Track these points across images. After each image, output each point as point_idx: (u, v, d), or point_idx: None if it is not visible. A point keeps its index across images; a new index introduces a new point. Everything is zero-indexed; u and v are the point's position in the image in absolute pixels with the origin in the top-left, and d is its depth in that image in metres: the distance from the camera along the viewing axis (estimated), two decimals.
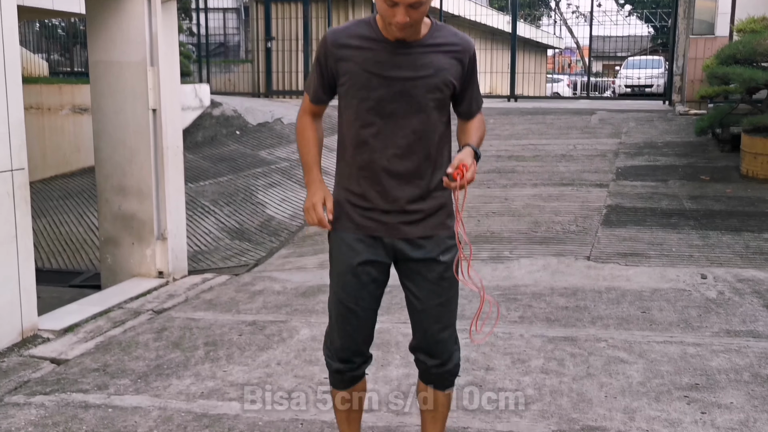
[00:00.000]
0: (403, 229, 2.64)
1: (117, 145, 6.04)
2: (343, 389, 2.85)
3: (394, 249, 2.67)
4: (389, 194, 2.62)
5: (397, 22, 2.43)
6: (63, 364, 4.36)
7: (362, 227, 2.66)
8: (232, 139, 11.40)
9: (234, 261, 6.86)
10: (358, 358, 2.78)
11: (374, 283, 2.69)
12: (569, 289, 5.46)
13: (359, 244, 2.66)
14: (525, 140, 11.13)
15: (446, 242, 2.69)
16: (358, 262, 2.65)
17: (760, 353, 4.26)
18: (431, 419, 2.92)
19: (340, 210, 2.71)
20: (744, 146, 9.02)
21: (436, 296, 2.68)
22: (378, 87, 2.55)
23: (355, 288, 2.67)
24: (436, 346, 2.76)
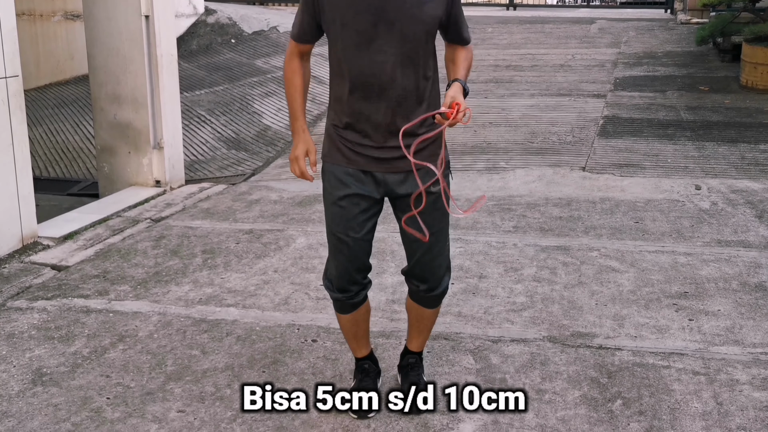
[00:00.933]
0: (395, 163, 2.66)
1: (110, 52, 5.96)
2: (346, 313, 2.92)
3: (386, 183, 2.70)
4: (380, 126, 2.63)
5: None
6: (63, 270, 4.43)
7: (353, 161, 2.69)
8: (228, 48, 11.23)
9: (231, 170, 6.88)
10: (354, 287, 2.83)
11: (363, 213, 2.72)
12: (564, 200, 5.51)
13: (349, 177, 2.69)
14: (523, 50, 10.99)
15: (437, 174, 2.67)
16: (346, 194, 2.69)
17: (750, 262, 4.33)
18: (416, 330, 3.05)
19: (331, 145, 2.74)
20: (744, 56, 8.92)
21: (429, 226, 2.67)
22: (365, 19, 2.53)
23: (345, 219, 2.72)
24: (428, 274, 2.84)
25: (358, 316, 2.93)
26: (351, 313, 2.91)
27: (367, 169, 2.68)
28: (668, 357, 3.31)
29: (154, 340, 3.54)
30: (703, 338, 3.47)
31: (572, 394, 3.04)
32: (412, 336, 3.08)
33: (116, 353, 3.42)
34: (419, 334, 3.06)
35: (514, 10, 14.94)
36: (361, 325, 2.98)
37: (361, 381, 3.02)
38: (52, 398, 3.07)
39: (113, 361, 3.35)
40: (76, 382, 3.19)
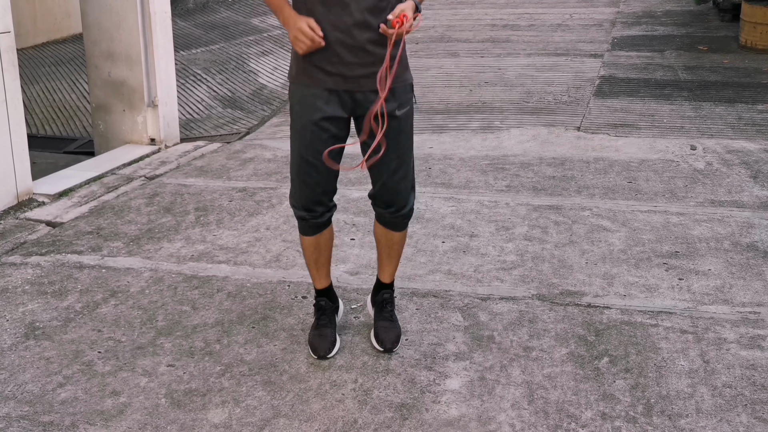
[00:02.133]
0: (362, 82, 2.70)
1: (103, 9, 5.91)
2: (309, 235, 2.98)
3: (353, 101, 2.74)
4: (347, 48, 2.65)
5: None
6: (58, 226, 4.45)
7: (320, 81, 2.71)
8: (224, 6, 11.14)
9: (226, 129, 6.86)
10: (319, 208, 2.89)
11: (333, 138, 2.77)
12: (557, 159, 5.51)
13: (318, 100, 2.73)
14: (521, 9, 10.90)
15: (402, 96, 2.77)
16: (318, 118, 2.73)
17: (743, 222, 4.34)
18: (386, 256, 3.11)
19: (298, 66, 2.76)
20: (744, 15, 8.84)
21: (394, 149, 2.77)
22: None
23: (315, 143, 2.75)
24: (394, 196, 2.90)
25: (321, 240, 2.99)
26: (314, 236, 2.96)
27: (334, 88, 2.71)
28: (656, 315, 3.34)
29: (145, 295, 3.57)
30: (692, 297, 3.50)
31: (559, 352, 3.08)
32: (383, 264, 3.15)
33: (108, 308, 3.45)
34: (390, 261, 3.12)
35: None
36: (323, 251, 3.04)
37: (319, 319, 3.11)
38: (44, 351, 3.11)
39: (105, 316, 3.38)
40: (68, 336, 3.22)
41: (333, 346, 3.06)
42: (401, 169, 2.86)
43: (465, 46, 9.05)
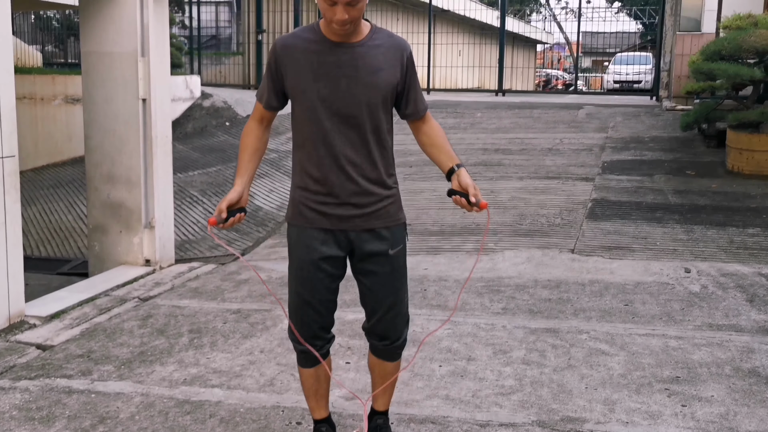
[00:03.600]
0: (357, 222, 2.77)
1: (107, 134, 6.05)
2: (308, 367, 2.98)
3: (348, 241, 2.80)
4: (341, 186, 2.73)
5: (338, 19, 2.56)
6: (48, 349, 4.38)
7: (316, 221, 2.77)
8: (222, 130, 11.40)
9: (221, 250, 6.88)
10: (318, 342, 2.90)
11: (330, 277, 2.82)
12: (553, 282, 5.51)
13: (314, 240, 2.78)
14: (512, 134, 11.17)
15: (396, 234, 2.84)
16: (314, 258, 2.78)
17: (742, 347, 4.30)
18: (380, 385, 3.09)
19: (295, 208, 2.83)
20: (729, 142, 9.09)
21: (388, 287, 2.84)
22: (324, 86, 2.67)
23: (311, 282, 2.80)
24: (387, 331, 2.92)
25: (320, 371, 2.97)
26: (313, 368, 2.96)
27: (329, 228, 2.76)
28: None
29: (135, 422, 3.47)
30: (697, 425, 3.42)
31: None
32: (377, 394, 3.13)
33: None
34: (384, 391, 3.11)
35: (503, 96, 15.25)
36: (322, 383, 3.02)
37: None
38: None
39: None
40: None
41: None
42: (396, 306, 2.89)
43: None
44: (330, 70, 2.67)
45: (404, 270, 2.90)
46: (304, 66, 2.69)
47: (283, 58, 2.71)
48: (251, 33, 16.49)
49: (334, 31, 2.64)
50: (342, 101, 2.68)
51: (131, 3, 5.83)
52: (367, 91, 2.68)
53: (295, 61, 2.70)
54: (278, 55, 2.72)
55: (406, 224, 2.91)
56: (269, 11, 16.36)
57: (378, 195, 2.77)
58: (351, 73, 2.67)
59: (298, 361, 2.99)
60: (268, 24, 16.36)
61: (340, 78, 2.67)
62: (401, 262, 2.87)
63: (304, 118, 2.74)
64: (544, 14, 41.00)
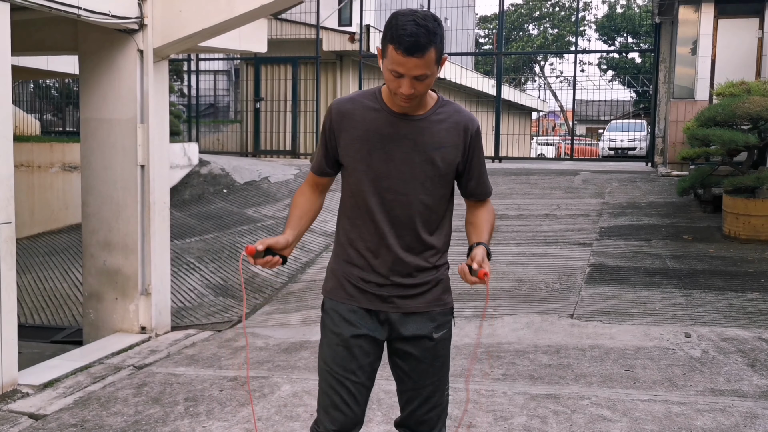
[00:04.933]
0: (399, 303, 2.60)
1: (104, 200, 6.07)
2: None
3: (389, 323, 2.62)
4: (386, 265, 2.58)
5: (402, 93, 2.43)
6: (41, 419, 4.30)
7: (356, 298, 2.61)
8: (219, 197, 11.45)
9: (218, 317, 6.83)
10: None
11: (367, 357, 2.61)
12: (552, 347, 5.46)
13: (353, 315, 2.60)
14: (509, 200, 11.23)
15: (440, 318, 2.64)
16: (352, 334, 2.59)
17: (746, 413, 4.25)
18: None
19: (335, 281, 2.67)
20: (725, 207, 9.13)
21: (428, 375, 2.62)
22: (379, 159, 2.54)
23: (347, 360, 2.59)
24: (423, 426, 2.69)
25: None
26: None
27: (371, 308, 2.60)
28: None
29: None
30: None
31: None
32: None
33: None
34: None
35: (500, 162, 15.39)
36: None
37: None
38: None
39: None
40: None
41: None
42: (434, 398, 2.66)
43: (455, 235, 9.18)
44: (387, 143, 2.53)
45: (447, 359, 2.68)
46: (360, 135, 2.55)
47: (340, 123, 2.57)
48: (249, 101, 16.72)
49: (397, 103, 2.51)
50: (396, 177, 2.53)
51: (131, 70, 5.92)
52: (424, 168, 2.53)
53: (352, 129, 2.56)
54: (333, 120, 2.59)
55: (452, 308, 2.70)
56: (267, 79, 16.62)
57: (424, 276, 2.60)
58: (409, 147, 2.53)
59: None
60: (265, 92, 16.61)
61: (397, 152, 2.52)
62: (445, 349, 2.66)
63: (354, 189, 2.59)
64: (539, 83, 41.74)
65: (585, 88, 29.20)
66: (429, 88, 2.51)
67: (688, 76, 12.86)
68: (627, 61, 39.59)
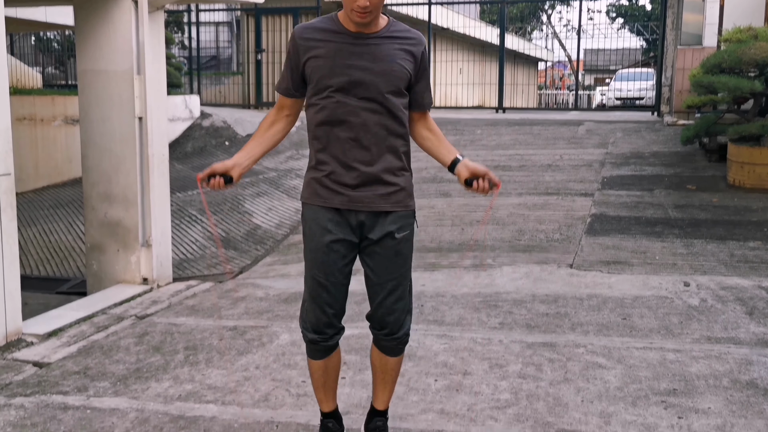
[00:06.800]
0: (368, 203, 2.86)
1: (103, 153, 6.07)
2: (318, 359, 3.05)
3: (360, 225, 2.88)
4: (355, 169, 2.83)
5: (358, 5, 2.67)
6: (45, 367, 4.38)
7: (330, 200, 2.87)
8: (221, 150, 11.44)
9: (219, 269, 6.88)
10: (330, 330, 2.97)
11: (343, 259, 2.90)
12: (550, 296, 5.50)
13: (330, 223, 2.87)
14: (511, 150, 11.19)
15: (403, 220, 2.93)
16: (329, 240, 2.87)
17: (741, 359, 4.28)
18: (381, 382, 3.17)
19: (311, 190, 2.92)
20: (730, 155, 9.08)
21: (391, 271, 2.92)
22: (340, 75, 2.77)
23: (326, 264, 2.88)
24: (388, 317, 2.99)
25: (330, 363, 3.06)
26: (323, 359, 3.04)
27: (344, 208, 2.86)
28: None
29: None
30: None
31: None
32: (378, 391, 3.19)
33: None
34: (384, 388, 3.18)
35: (503, 113, 15.29)
36: (331, 374, 3.11)
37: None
38: None
39: None
40: None
41: None
42: (397, 291, 2.96)
43: (456, 186, 9.18)
44: (347, 60, 2.76)
45: (409, 257, 2.97)
46: (322, 54, 2.78)
47: (303, 46, 2.81)
48: (250, 53, 16.59)
49: (353, 20, 2.74)
50: (358, 89, 2.77)
51: (125, 21, 5.87)
52: (383, 80, 2.78)
53: (314, 50, 2.79)
54: (297, 44, 2.83)
55: (414, 212, 2.98)
56: (268, 31, 16.45)
57: (390, 180, 2.87)
58: (368, 62, 2.77)
59: (308, 353, 3.06)
60: (267, 44, 16.46)
61: (357, 67, 2.76)
62: (407, 248, 2.95)
63: (320, 105, 2.83)
64: (545, 32, 41.19)
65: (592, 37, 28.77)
66: (382, 3, 2.73)
67: (696, 22, 12.67)
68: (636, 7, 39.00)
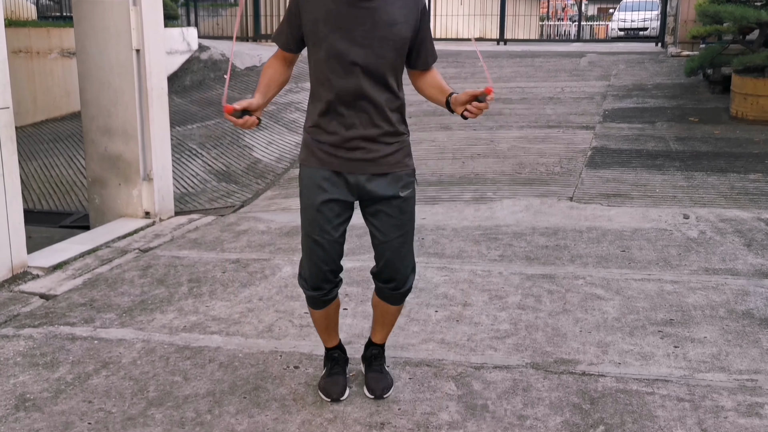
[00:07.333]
0: (366, 166, 2.87)
1: (102, 86, 6.02)
2: (319, 309, 3.14)
3: (358, 186, 2.90)
4: (353, 132, 2.83)
5: None
6: (51, 299, 4.44)
7: (327, 163, 2.88)
8: (220, 83, 11.34)
9: (220, 202, 6.91)
10: (327, 285, 3.03)
11: (338, 218, 2.92)
12: (550, 229, 5.53)
13: (325, 182, 2.88)
14: (512, 83, 11.10)
15: (405, 179, 2.94)
16: (323, 199, 2.88)
17: (738, 290, 4.34)
18: (381, 323, 3.29)
19: (308, 150, 2.94)
20: (734, 87, 9.01)
21: (396, 230, 2.95)
22: (340, 38, 2.75)
23: (320, 223, 2.90)
24: (395, 274, 3.04)
25: (330, 310, 3.16)
26: (323, 309, 3.13)
27: (340, 170, 2.87)
28: (652, 383, 3.31)
29: (137, 366, 3.54)
30: (689, 365, 3.47)
31: (554, 420, 3.03)
32: (376, 330, 3.32)
33: (99, 379, 3.42)
34: (383, 328, 3.30)
35: (505, 45, 15.12)
36: (332, 318, 3.21)
37: (332, 368, 3.29)
38: (34, 423, 3.06)
39: (96, 387, 3.34)
40: (58, 407, 3.18)
41: (345, 391, 3.22)
42: (403, 249, 3.00)
43: (457, 119, 9.16)
44: (346, 23, 2.73)
45: (413, 216, 3.01)
46: (321, 16, 2.75)
47: (304, 6, 2.78)
48: None
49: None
50: (357, 52, 2.74)
51: None
52: (382, 44, 2.76)
53: (314, 10, 2.76)
54: (299, 3, 2.79)
55: (414, 170, 3.00)
56: None
57: (388, 141, 2.88)
58: (368, 25, 2.74)
59: (308, 303, 3.14)
60: None
61: (357, 30, 2.73)
62: (411, 205, 2.98)
63: (319, 67, 2.81)
64: None
65: None
66: None
67: None
68: None
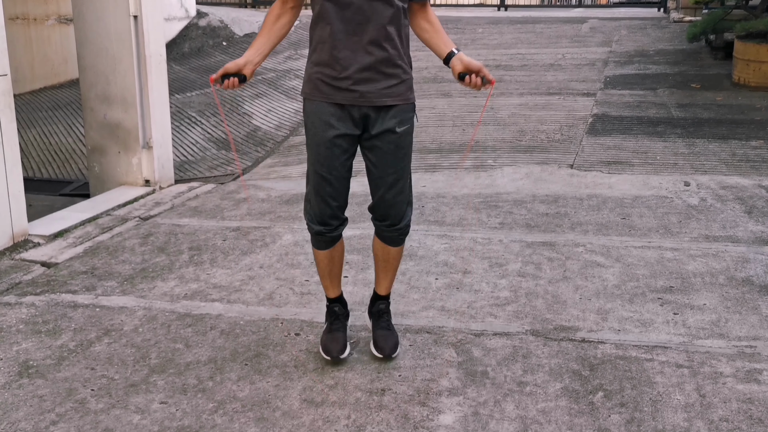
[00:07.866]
0: (369, 98, 2.88)
1: (99, 52, 5.98)
2: (323, 249, 3.17)
3: (363, 117, 2.92)
4: (357, 64, 2.84)
5: None
6: (53, 267, 4.45)
7: (332, 96, 2.89)
8: (219, 50, 11.26)
9: (220, 170, 6.89)
10: (334, 221, 3.07)
11: (345, 153, 2.96)
12: (551, 197, 5.53)
13: (332, 117, 2.91)
14: (513, 50, 11.02)
15: (404, 114, 2.97)
16: (332, 135, 2.92)
17: (738, 257, 4.35)
18: (383, 270, 3.30)
19: (312, 85, 2.95)
20: (736, 53, 8.94)
21: (391, 164, 3.00)
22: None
23: (330, 159, 2.95)
24: (390, 209, 3.08)
25: (334, 253, 3.19)
26: (328, 250, 3.16)
27: (345, 103, 2.89)
28: (651, 350, 3.33)
29: (138, 333, 3.56)
30: (688, 332, 3.49)
31: (553, 387, 3.06)
32: (380, 278, 3.32)
33: (101, 346, 3.44)
34: (386, 275, 3.31)
35: (506, 11, 14.98)
36: (336, 262, 3.24)
37: (332, 323, 3.31)
38: (37, 390, 3.09)
39: (98, 354, 3.37)
40: (61, 374, 3.20)
41: (345, 349, 3.23)
42: (398, 184, 3.03)
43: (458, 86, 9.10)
44: None
45: (409, 150, 3.04)
46: None
47: None
48: None
49: None
50: None
51: None
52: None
53: None
54: None
55: (415, 105, 3.02)
56: None
57: (391, 74, 2.89)
58: None
59: (313, 244, 3.17)
60: None
61: None
62: (407, 141, 3.01)
63: (320, 13, 2.84)
64: None
65: None
66: None
67: None
68: None
